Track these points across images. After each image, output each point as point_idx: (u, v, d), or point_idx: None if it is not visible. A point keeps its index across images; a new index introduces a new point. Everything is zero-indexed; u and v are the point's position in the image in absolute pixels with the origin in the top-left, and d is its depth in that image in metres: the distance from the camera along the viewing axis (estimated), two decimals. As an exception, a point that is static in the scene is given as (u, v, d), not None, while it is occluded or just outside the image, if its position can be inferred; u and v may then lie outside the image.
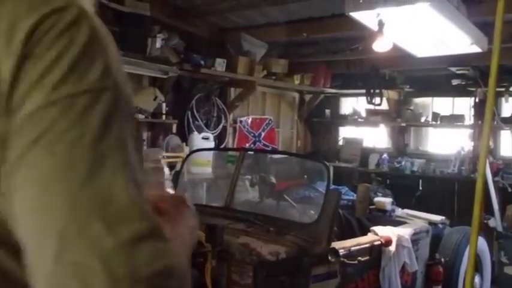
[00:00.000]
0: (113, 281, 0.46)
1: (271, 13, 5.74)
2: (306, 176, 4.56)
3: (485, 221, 5.19)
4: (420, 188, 6.80)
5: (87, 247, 0.47)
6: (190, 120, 6.21)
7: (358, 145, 7.84)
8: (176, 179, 4.00)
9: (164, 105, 5.77)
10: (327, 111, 8.26)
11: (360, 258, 3.14)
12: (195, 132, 6.10)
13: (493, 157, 6.62)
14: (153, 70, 5.53)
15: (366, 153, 7.64)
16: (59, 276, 0.46)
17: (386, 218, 4.15)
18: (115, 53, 0.58)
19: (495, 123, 6.59)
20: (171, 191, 3.99)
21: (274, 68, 6.89)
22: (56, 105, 0.51)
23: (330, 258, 2.93)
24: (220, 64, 6.06)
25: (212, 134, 6.36)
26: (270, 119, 7.51)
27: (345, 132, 8.30)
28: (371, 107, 7.28)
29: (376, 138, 8.02)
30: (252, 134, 7.18)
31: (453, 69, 6.41)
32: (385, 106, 7.51)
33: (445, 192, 6.48)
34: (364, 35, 5.00)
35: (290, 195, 3.85)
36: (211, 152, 5.80)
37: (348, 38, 5.99)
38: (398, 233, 3.51)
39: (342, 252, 2.99)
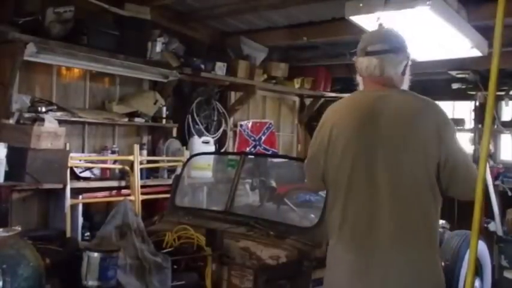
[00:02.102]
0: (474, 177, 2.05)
1: (271, 17, 5.75)
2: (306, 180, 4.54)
3: (486, 225, 5.18)
4: (420, 192, 6.76)
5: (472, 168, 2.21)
6: (191, 124, 6.21)
7: (359, 149, 7.81)
8: (176, 183, 3.98)
9: (164, 109, 5.77)
10: (328, 115, 8.24)
11: (360, 262, 3.12)
12: (195, 136, 6.09)
13: (493, 161, 6.62)
14: (154, 74, 5.53)
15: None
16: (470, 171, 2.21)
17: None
18: None
19: (495, 127, 6.59)
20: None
21: (275, 72, 6.89)
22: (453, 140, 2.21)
23: (330, 262, 2.92)
24: (220, 68, 6.07)
25: (212, 138, 6.36)
26: (270, 123, 7.51)
27: (345, 136, 8.27)
28: (371, 110, 7.25)
29: (377, 142, 8.00)
30: (252, 138, 7.18)
31: (453, 73, 6.40)
32: (385, 110, 7.49)
33: (445, 196, 6.45)
34: (364, 39, 5.00)
35: (290, 199, 3.84)
36: (212, 156, 5.80)
37: (348, 42, 5.97)
38: (398, 237, 3.49)
39: (342, 256, 2.97)
